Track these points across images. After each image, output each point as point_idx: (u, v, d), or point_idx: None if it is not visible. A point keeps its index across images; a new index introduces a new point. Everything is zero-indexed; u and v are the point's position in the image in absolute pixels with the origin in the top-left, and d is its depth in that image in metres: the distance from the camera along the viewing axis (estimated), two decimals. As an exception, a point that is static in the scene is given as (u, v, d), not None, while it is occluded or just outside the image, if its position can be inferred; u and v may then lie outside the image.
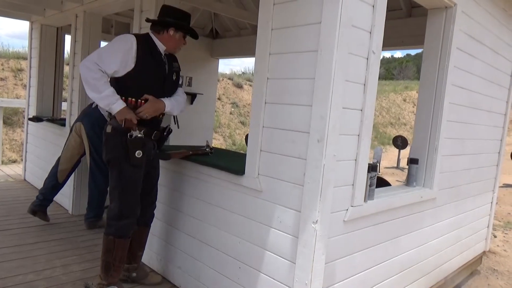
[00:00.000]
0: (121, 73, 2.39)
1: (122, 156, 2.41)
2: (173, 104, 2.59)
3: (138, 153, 2.43)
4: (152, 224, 2.89)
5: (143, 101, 2.44)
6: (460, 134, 3.10)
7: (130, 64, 2.39)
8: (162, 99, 2.52)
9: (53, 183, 3.81)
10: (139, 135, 2.42)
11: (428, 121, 2.75)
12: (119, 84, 2.41)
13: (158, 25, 2.54)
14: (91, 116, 3.67)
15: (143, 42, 2.47)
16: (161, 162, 2.88)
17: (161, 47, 2.54)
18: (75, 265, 3.05)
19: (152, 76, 2.50)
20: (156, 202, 2.84)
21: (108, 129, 2.45)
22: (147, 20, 2.61)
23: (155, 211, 2.81)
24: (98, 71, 2.30)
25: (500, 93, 3.70)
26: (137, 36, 2.49)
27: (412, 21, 4.19)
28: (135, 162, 2.42)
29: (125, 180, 2.45)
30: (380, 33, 2.05)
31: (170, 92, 2.64)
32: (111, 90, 2.34)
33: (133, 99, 2.41)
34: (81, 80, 3.70)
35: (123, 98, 2.39)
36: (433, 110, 2.73)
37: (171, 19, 2.53)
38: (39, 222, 3.82)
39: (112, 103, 2.33)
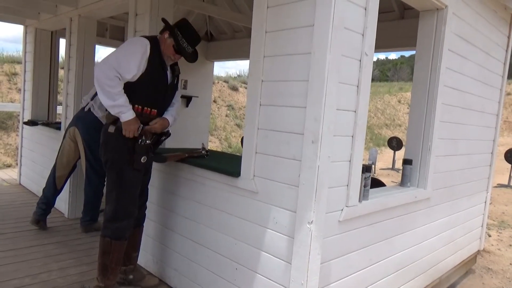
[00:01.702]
0: (134, 78, 2.39)
1: (125, 159, 2.41)
2: (174, 119, 2.66)
3: (144, 159, 2.45)
4: (148, 226, 2.90)
5: (148, 109, 2.45)
6: (453, 134, 3.13)
7: (142, 69, 2.40)
8: (166, 116, 2.58)
9: (53, 191, 3.81)
10: (148, 142, 2.45)
11: (421, 122, 2.79)
12: (127, 89, 2.39)
13: (164, 26, 2.58)
14: (85, 119, 3.67)
15: (154, 45, 2.47)
16: (157, 164, 2.90)
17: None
18: (71, 268, 3.04)
19: (158, 82, 2.51)
20: (152, 204, 2.85)
21: (111, 129, 2.43)
22: (163, 19, 2.63)
23: (149, 213, 2.82)
24: (115, 78, 2.28)
25: (492, 94, 3.75)
26: (149, 39, 2.47)
27: (405, 23, 4.23)
28: (138, 166, 2.44)
29: (125, 183, 2.45)
30: (372, 35, 2.08)
31: (171, 97, 2.67)
32: (124, 99, 2.34)
33: (139, 107, 2.42)
34: (77, 83, 3.67)
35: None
36: (426, 111, 2.77)
37: (173, 25, 2.56)
38: (34, 226, 3.81)
39: (122, 112, 2.34)
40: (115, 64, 2.29)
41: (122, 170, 2.43)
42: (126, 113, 2.35)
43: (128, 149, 2.41)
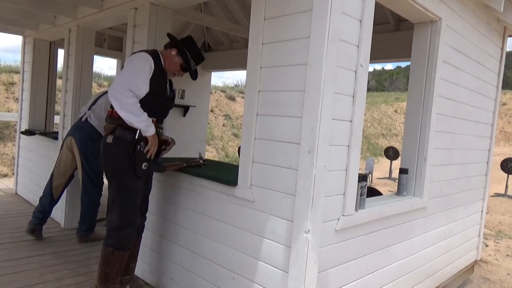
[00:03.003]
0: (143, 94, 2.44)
1: (126, 167, 2.43)
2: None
3: (145, 165, 2.47)
4: (145, 236, 2.89)
5: (153, 120, 2.48)
6: (449, 144, 3.16)
7: (148, 84, 2.45)
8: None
9: (49, 200, 3.80)
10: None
11: (416, 132, 2.82)
12: None
13: (170, 42, 2.64)
14: (82, 129, 3.69)
15: (156, 60, 2.52)
16: (154, 174, 2.90)
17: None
18: (67, 278, 3.02)
19: (160, 94, 2.56)
20: (150, 214, 2.84)
21: (109, 139, 2.45)
22: (169, 35, 2.71)
23: (147, 223, 2.82)
24: (132, 97, 2.35)
25: (486, 104, 3.80)
26: (151, 55, 2.51)
27: (400, 34, 4.29)
28: (140, 173, 2.46)
29: (126, 191, 2.46)
30: (367, 47, 2.12)
31: (170, 108, 2.73)
32: (146, 114, 2.40)
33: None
34: (74, 92, 3.72)
35: None
36: (421, 121, 2.80)
37: (181, 43, 2.62)
38: (31, 236, 3.79)
39: (149, 125, 2.40)
40: (128, 84, 2.36)
41: (123, 178, 2.45)
42: (152, 127, 2.42)
43: (128, 157, 2.42)
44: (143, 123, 2.38)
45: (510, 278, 4.31)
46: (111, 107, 2.45)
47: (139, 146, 2.42)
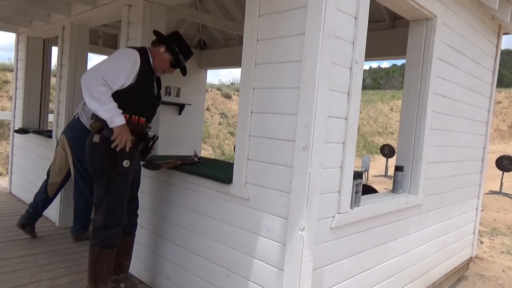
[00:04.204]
0: (122, 87, 2.40)
1: (110, 166, 2.40)
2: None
3: (126, 163, 2.44)
4: (139, 235, 2.87)
5: (136, 117, 2.45)
6: (444, 141, 3.17)
7: (130, 80, 2.42)
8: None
9: (43, 197, 3.77)
10: (129, 146, 2.44)
11: (411, 129, 2.82)
12: (115, 97, 2.38)
13: (157, 39, 2.61)
14: (73, 127, 3.67)
15: (144, 57, 2.49)
16: (149, 172, 2.89)
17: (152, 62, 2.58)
18: (61, 278, 3.00)
19: (147, 92, 2.54)
20: (144, 212, 2.83)
21: (96, 138, 2.43)
22: (155, 32, 2.67)
23: (141, 221, 2.81)
24: (103, 86, 2.29)
25: (481, 102, 3.80)
26: (139, 51, 2.49)
27: (395, 32, 4.29)
28: (122, 171, 2.43)
29: (113, 190, 2.44)
30: (362, 44, 2.11)
31: (157, 106, 2.71)
32: (114, 104, 2.34)
33: (126, 115, 2.41)
34: (68, 90, 3.67)
35: None
36: (416, 118, 2.80)
37: (169, 40, 2.60)
38: (25, 235, 3.77)
39: (115, 115, 2.32)
40: (103, 73, 2.31)
41: (109, 178, 2.42)
42: (118, 117, 2.33)
43: (110, 155, 2.39)
44: (107, 113, 2.29)
45: (505, 274, 4.34)
46: None
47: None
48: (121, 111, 2.37)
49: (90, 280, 2.48)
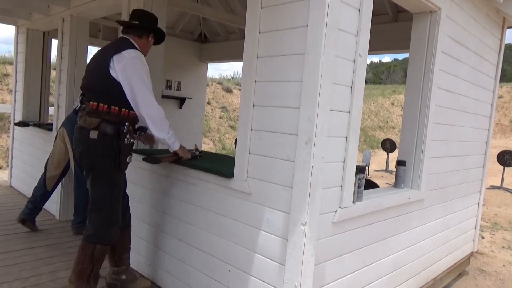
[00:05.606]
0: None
1: (110, 163, 2.37)
2: None
3: (129, 158, 2.44)
4: (140, 228, 2.86)
5: (133, 112, 2.42)
6: (447, 136, 3.14)
7: None
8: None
9: (42, 192, 3.76)
10: (132, 140, 2.45)
11: (414, 124, 2.79)
12: (117, 94, 2.34)
13: (142, 30, 2.55)
14: (74, 120, 3.63)
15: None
16: (150, 166, 2.87)
17: None
18: (62, 271, 3.00)
19: None
20: (145, 206, 2.81)
21: (93, 135, 2.33)
22: (132, 24, 2.55)
23: (142, 215, 2.80)
24: (159, 107, 2.43)
25: (485, 96, 3.77)
26: (137, 49, 2.46)
27: (398, 25, 4.25)
28: (124, 167, 2.42)
29: (116, 187, 2.42)
30: (366, 36, 2.08)
31: None
32: (171, 128, 2.49)
33: (126, 110, 2.38)
34: (68, 83, 3.65)
35: (116, 108, 2.35)
36: (419, 112, 2.77)
37: (153, 25, 2.60)
38: (25, 228, 3.76)
39: (176, 140, 2.52)
40: (150, 93, 2.40)
41: (112, 175, 2.39)
42: (177, 141, 2.53)
43: (114, 151, 2.35)
44: (172, 138, 2.49)
45: (506, 269, 4.33)
46: (95, 99, 2.35)
47: (125, 139, 2.36)
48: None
49: (79, 276, 2.38)
